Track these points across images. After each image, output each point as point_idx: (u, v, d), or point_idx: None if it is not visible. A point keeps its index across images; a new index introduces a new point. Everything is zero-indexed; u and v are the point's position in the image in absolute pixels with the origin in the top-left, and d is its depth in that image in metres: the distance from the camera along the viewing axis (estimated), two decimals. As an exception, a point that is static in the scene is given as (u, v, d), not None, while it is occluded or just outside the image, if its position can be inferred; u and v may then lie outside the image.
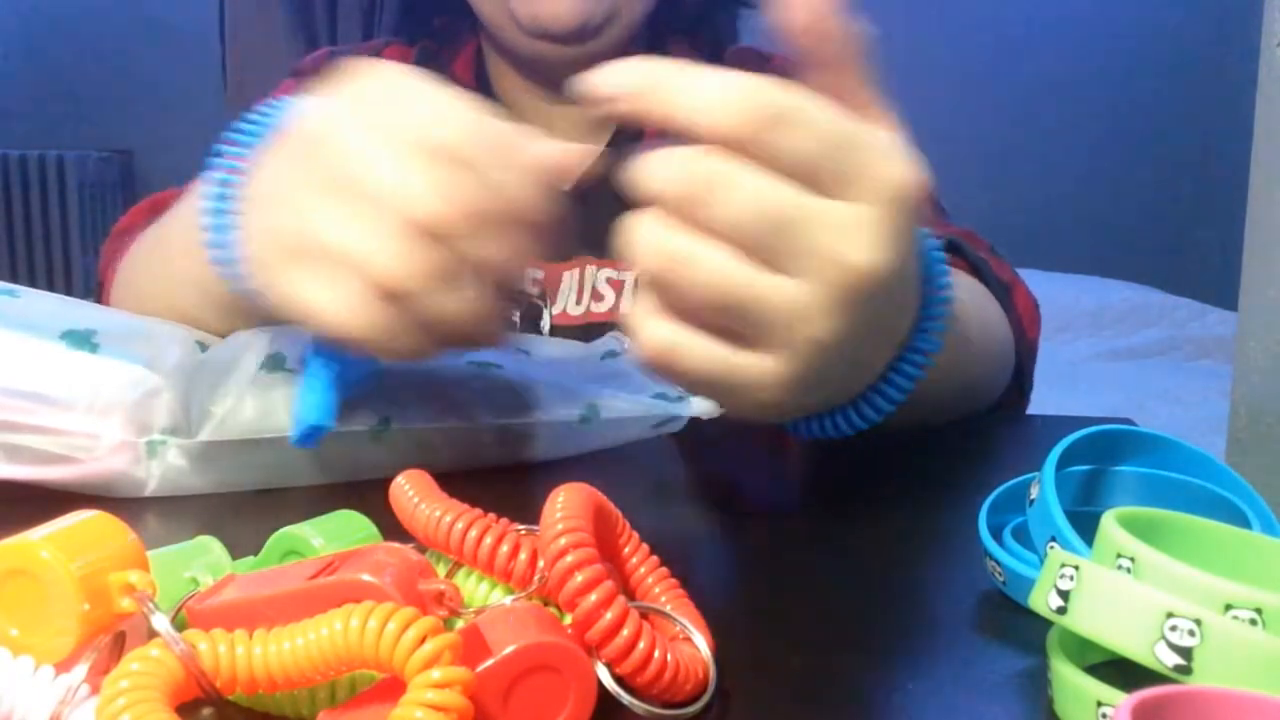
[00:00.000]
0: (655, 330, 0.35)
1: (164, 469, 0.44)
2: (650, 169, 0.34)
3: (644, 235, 0.34)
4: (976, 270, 0.66)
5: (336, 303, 0.38)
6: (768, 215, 0.33)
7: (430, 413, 0.48)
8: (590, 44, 0.73)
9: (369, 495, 0.34)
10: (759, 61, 0.82)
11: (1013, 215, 2.78)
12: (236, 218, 0.42)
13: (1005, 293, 0.66)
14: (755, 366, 0.35)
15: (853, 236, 0.34)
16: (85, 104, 2.99)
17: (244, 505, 0.44)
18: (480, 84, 0.80)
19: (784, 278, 0.34)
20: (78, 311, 0.48)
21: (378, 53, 0.82)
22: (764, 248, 0.34)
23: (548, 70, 0.77)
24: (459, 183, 0.37)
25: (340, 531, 0.31)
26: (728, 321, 0.35)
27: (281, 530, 0.31)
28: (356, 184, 0.37)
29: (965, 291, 0.61)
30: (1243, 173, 0.90)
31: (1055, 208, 2.89)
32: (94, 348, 0.44)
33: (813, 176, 0.34)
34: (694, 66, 0.34)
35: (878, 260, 0.34)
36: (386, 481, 0.33)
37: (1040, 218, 2.86)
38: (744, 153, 0.33)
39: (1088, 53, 2.86)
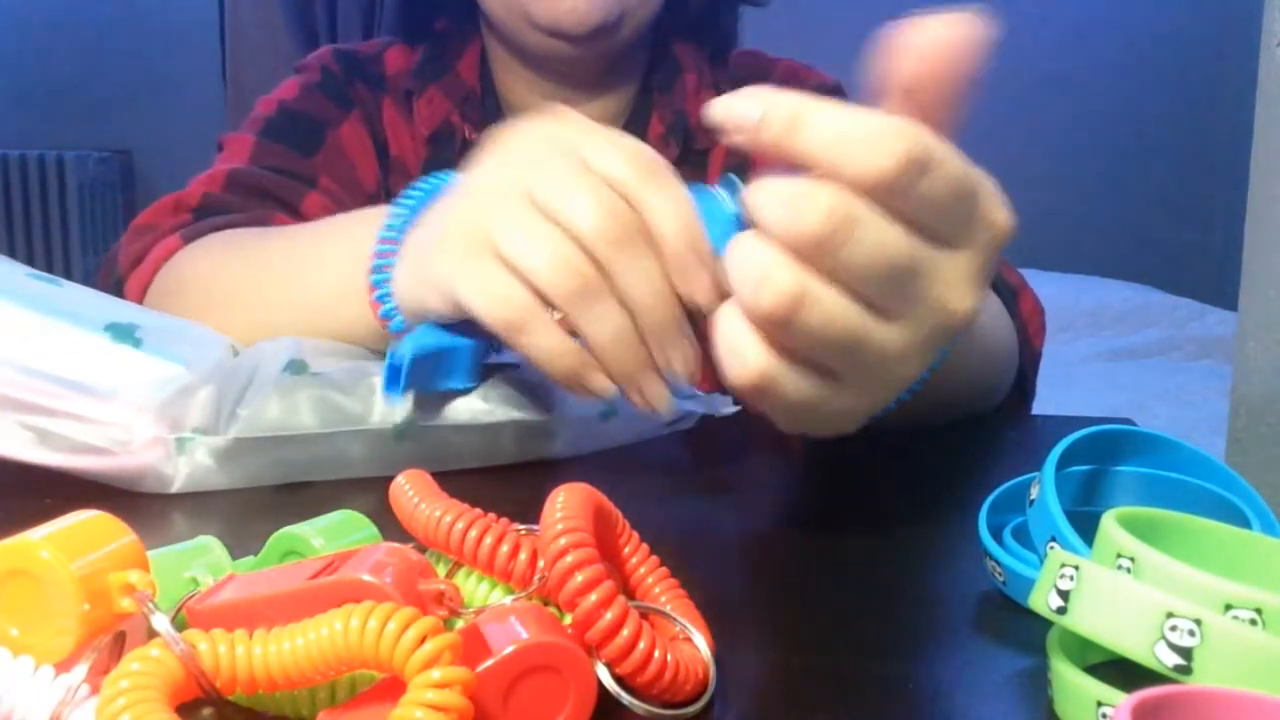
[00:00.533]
0: (755, 360, 0.33)
1: (191, 467, 0.45)
2: (782, 203, 0.31)
3: (763, 271, 0.32)
4: None
5: (495, 296, 0.42)
6: (894, 265, 0.32)
7: (450, 411, 0.49)
8: (606, 42, 0.73)
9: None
10: (765, 66, 0.82)
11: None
12: (406, 245, 0.48)
13: (1012, 297, 0.66)
14: (842, 401, 0.35)
15: (959, 286, 0.34)
16: (85, 104, 2.99)
17: (265, 502, 0.45)
18: (485, 85, 0.80)
19: (891, 324, 0.34)
20: (116, 307, 0.49)
21: (381, 52, 0.82)
22: (880, 294, 0.33)
23: (559, 67, 0.77)
24: (620, 206, 0.40)
25: (340, 532, 0.31)
26: (826, 359, 0.34)
27: (281, 530, 0.31)
28: (535, 197, 0.41)
29: None
30: (1243, 173, 0.90)
31: (1055, 208, 2.89)
32: (137, 343, 0.45)
33: (940, 223, 0.33)
34: (827, 101, 0.32)
35: (975, 306, 0.35)
36: None
37: (1040, 218, 2.86)
38: (880, 196, 0.32)
39: (1087, 53, 2.86)
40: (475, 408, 0.49)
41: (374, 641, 0.23)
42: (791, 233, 0.31)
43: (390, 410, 0.48)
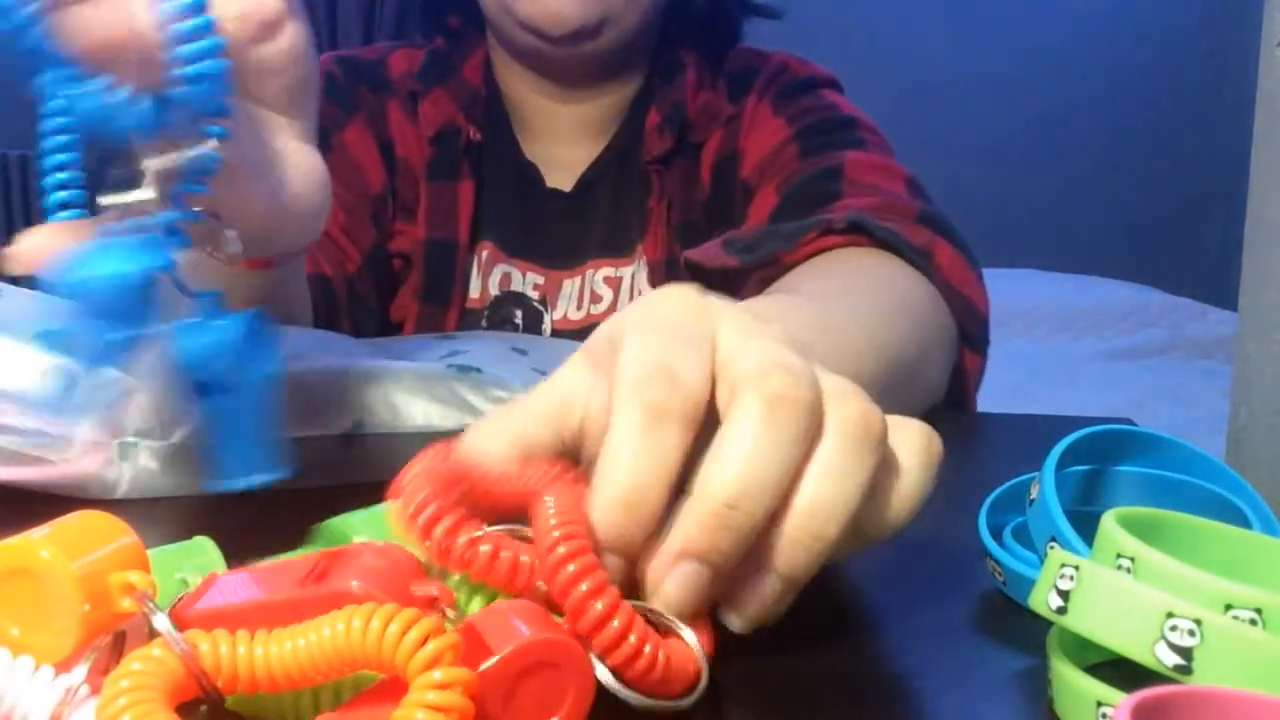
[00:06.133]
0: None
1: (135, 471, 0.44)
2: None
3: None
4: (888, 244, 0.63)
5: None
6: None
7: (403, 417, 0.47)
8: (587, 45, 0.73)
9: (340, 500, 0.34)
10: (758, 61, 0.82)
11: (1013, 215, 2.78)
12: None
13: (923, 257, 0.63)
14: None
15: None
16: (85, 104, 2.99)
17: (216, 508, 0.44)
18: (490, 87, 0.81)
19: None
20: (53, 313, 0.48)
21: (384, 57, 0.82)
22: None
23: (548, 66, 0.78)
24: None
25: (384, 525, 0.31)
26: None
27: (326, 522, 0.31)
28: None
29: (855, 296, 0.57)
30: (1243, 173, 0.90)
31: (1055, 207, 2.89)
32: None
33: None
34: None
35: None
36: (358, 486, 0.32)
37: (1040, 217, 2.86)
38: None
39: (1088, 52, 2.86)
40: (430, 414, 0.47)
41: (375, 642, 0.23)
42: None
43: (342, 412, 0.46)
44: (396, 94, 0.80)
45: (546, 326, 0.78)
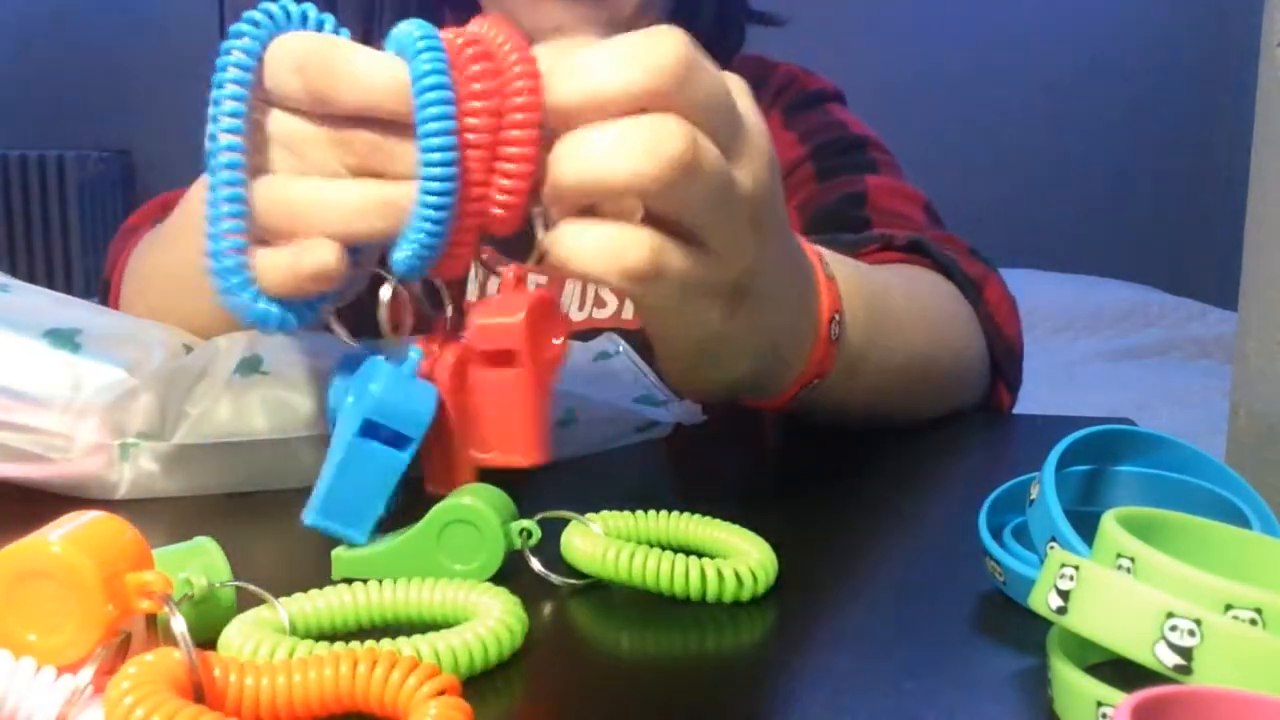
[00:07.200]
0: (639, 242, 0.35)
1: (136, 473, 0.43)
2: (628, 58, 0.34)
3: (654, 133, 0.33)
4: (944, 268, 0.66)
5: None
6: (721, 97, 0.36)
7: None
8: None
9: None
10: (764, 70, 0.82)
11: (1013, 215, 2.78)
12: None
13: (974, 288, 0.66)
14: (716, 273, 0.37)
15: (764, 133, 0.38)
16: (85, 104, 2.99)
17: (215, 509, 0.44)
18: None
19: (736, 163, 0.36)
20: (66, 310, 0.48)
21: None
22: (722, 132, 0.35)
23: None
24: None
25: (492, 500, 0.34)
26: (697, 217, 0.36)
27: (441, 504, 0.34)
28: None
29: (903, 281, 0.61)
30: (1243, 173, 0.90)
31: (1055, 207, 2.89)
32: (76, 348, 0.44)
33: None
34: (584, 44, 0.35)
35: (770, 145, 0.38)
36: None
37: (1040, 217, 2.86)
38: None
39: (1088, 52, 2.86)
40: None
41: (379, 688, 0.24)
42: (651, 86, 0.34)
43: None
44: None
45: None
